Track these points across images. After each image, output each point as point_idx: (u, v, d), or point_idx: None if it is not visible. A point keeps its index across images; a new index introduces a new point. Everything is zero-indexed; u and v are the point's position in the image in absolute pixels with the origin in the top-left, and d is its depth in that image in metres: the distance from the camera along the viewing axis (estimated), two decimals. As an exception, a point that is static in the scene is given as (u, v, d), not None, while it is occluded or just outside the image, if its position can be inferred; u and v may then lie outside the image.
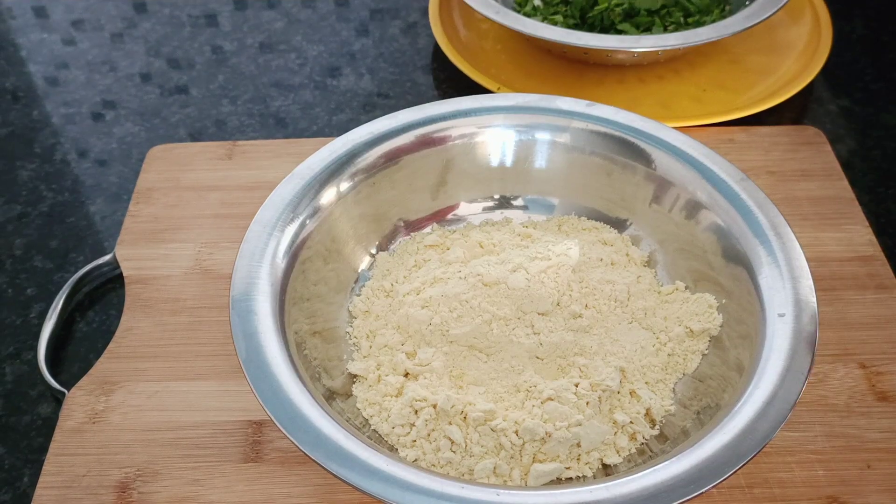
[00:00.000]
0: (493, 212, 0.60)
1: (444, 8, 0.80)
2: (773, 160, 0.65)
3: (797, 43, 0.76)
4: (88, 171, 0.70)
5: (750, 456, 0.40)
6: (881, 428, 0.50)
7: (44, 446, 0.51)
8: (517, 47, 0.78)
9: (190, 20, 0.85)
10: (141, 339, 0.55)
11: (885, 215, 0.64)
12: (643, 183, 0.56)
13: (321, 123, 0.74)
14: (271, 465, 0.49)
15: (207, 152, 0.67)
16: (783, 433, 0.45)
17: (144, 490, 0.48)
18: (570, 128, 0.57)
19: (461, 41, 0.77)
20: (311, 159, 0.54)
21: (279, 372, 0.43)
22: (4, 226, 0.65)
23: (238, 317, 0.45)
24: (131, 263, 0.59)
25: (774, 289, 0.47)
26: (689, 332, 0.51)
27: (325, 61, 0.80)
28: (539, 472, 0.44)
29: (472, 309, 0.50)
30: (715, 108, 0.70)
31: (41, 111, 0.75)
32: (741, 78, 0.74)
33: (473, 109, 0.57)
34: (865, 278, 0.57)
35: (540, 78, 0.75)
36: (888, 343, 0.54)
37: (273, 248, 0.49)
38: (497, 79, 0.73)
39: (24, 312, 0.59)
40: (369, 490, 0.39)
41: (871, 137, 0.71)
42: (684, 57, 0.76)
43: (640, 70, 0.75)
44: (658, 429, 0.48)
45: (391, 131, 0.56)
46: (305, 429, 0.41)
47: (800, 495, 0.47)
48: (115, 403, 0.52)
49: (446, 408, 0.46)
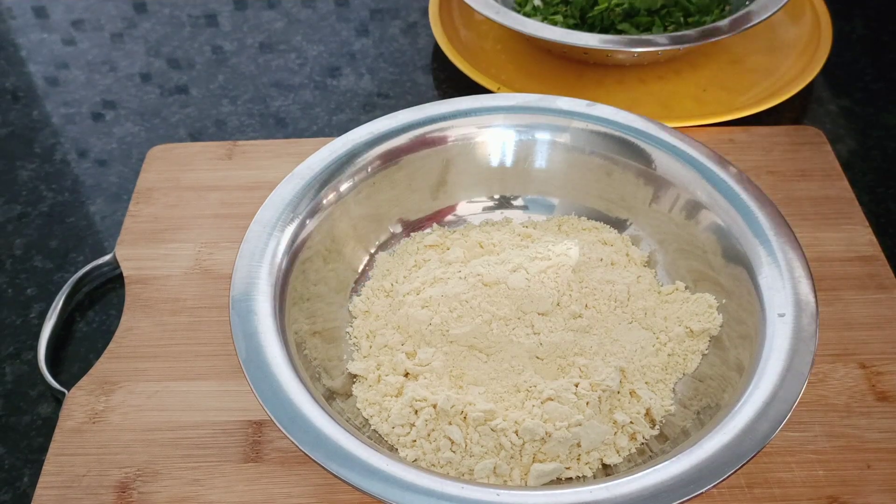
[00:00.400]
0: (493, 212, 0.60)
1: (444, 8, 0.80)
2: (773, 160, 0.65)
3: (797, 43, 0.76)
4: (88, 171, 0.70)
5: (750, 456, 0.40)
6: (881, 428, 0.50)
7: (44, 446, 0.51)
8: (517, 47, 0.78)
9: (190, 20, 0.85)
10: (141, 339, 0.55)
11: (885, 215, 0.64)
12: (643, 183, 0.56)
13: (321, 123, 0.74)
14: (271, 465, 0.49)
15: (207, 152, 0.67)
16: (783, 433, 0.45)
17: (144, 490, 0.48)
18: (570, 128, 0.57)
19: (461, 41, 0.78)
20: (311, 159, 0.54)
21: (279, 372, 0.43)
22: (4, 226, 0.65)
23: (238, 317, 0.46)
24: (131, 263, 0.59)
25: (774, 289, 0.47)
26: (689, 332, 0.51)
27: (325, 61, 0.80)
28: (539, 472, 0.44)
29: (472, 309, 0.50)
30: (715, 108, 0.70)
31: (41, 111, 0.75)
32: (741, 78, 0.74)
33: (473, 109, 0.57)
34: (865, 278, 0.57)
35: (540, 78, 0.75)
36: (888, 343, 0.54)
37: (273, 248, 0.49)
38: (497, 79, 0.73)
39: (24, 312, 0.59)
40: (369, 490, 0.39)
41: (871, 137, 0.71)
42: (684, 57, 0.76)
43: (640, 70, 0.75)
44: (658, 429, 0.48)
45: (391, 131, 0.56)
46: (305, 429, 0.41)
47: (800, 495, 0.47)
48: (115, 403, 0.52)
49: (446, 408, 0.46)
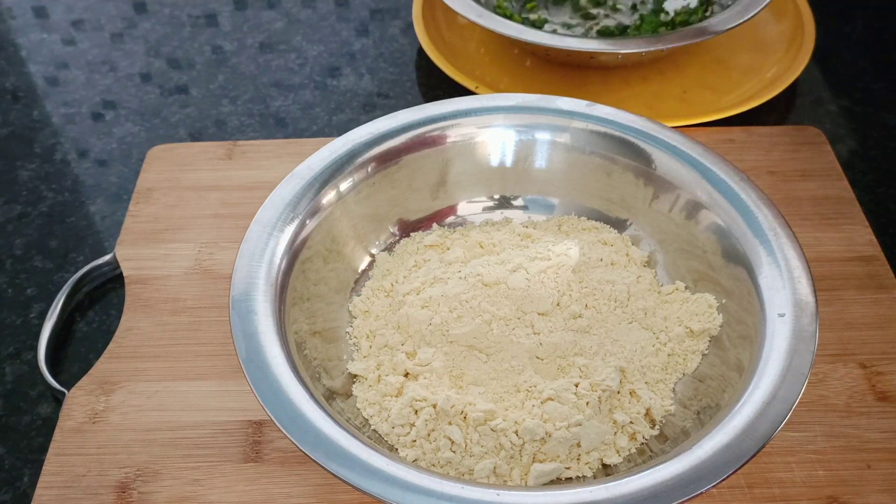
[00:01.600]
0: (493, 212, 0.60)
1: (428, 10, 0.79)
2: (773, 160, 0.65)
3: (781, 41, 0.76)
4: (88, 171, 0.70)
5: (750, 456, 0.40)
6: (881, 428, 0.50)
7: (44, 446, 0.51)
8: (498, 50, 0.77)
9: (190, 20, 0.85)
10: (141, 339, 0.55)
11: (885, 215, 0.64)
12: (643, 183, 0.56)
13: (321, 123, 0.74)
14: (271, 465, 0.49)
15: (207, 152, 0.67)
16: (783, 433, 0.45)
17: (144, 490, 0.48)
18: (570, 128, 0.57)
19: (445, 43, 0.77)
20: (311, 159, 0.54)
21: (279, 372, 0.43)
22: (4, 226, 0.65)
23: (238, 317, 0.45)
24: (131, 263, 0.59)
25: (774, 289, 0.47)
26: (689, 332, 0.51)
27: (325, 61, 0.80)
28: (539, 472, 0.44)
29: (472, 309, 0.50)
30: (699, 108, 0.70)
31: (41, 111, 0.75)
32: (727, 77, 0.74)
33: (473, 109, 0.57)
34: (865, 278, 0.57)
35: (524, 79, 0.74)
36: (888, 343, 0.54)
37: (273, 248, 0.49)
38: (482, 81, 0.72)
39: (24, 312, 0.59)
40: (369, 490, 0.39)
41: (871, 137, 0.71)
42: (668, 58, 0.75)
43: (625, 71, 0.74)
44: (658, 429, 0.48)
45: (391, 131, 0.56)
46: (305, 429, 0.41)
47: (800, 495, 0.47)
48: (115, 403, 0.52)
49: (446, 408, 0.46)
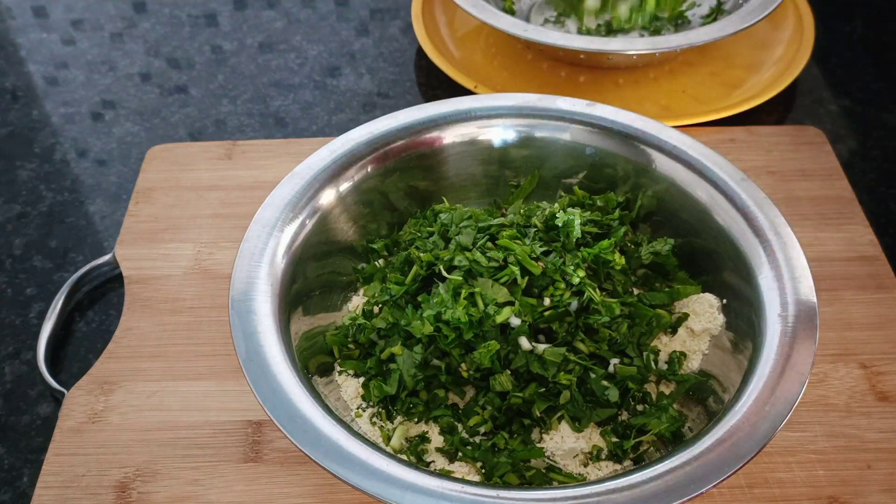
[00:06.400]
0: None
1: (427, 11, 0.79)
2: (773, 160, 0.65)
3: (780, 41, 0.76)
4: (88, 171, 0.70)
5: (750, 456, 0.40)
6: (881, 428, 0.50)
7: (43, 446, 0.51)
8: (498, 49, 0.77)
9: (190, 20, 0.85)
10: (140, 339, 0.55)
11: (885, 215, 0.64)
12: (643, 183, 0.56)
13: (321, 123, 0.74)
14: (271, 465, 0.49)
15: (207, 152, 0.67)
16: (783, 433, 0.45)
17: (144, 490, 0.48)
18: (570, 128, 0.57)
19: (445, 43, 0.77)
20: (311, 159, 0.54)
21: (279, 372, 0.43)
22: (4, 226, 0.65)
23: (238, 317, 0.45)
24: (131, 263, 0.59)
25: (774, 289, 0.47)
26: (690, 332, 0.51)
27: (325, 61, 0.80)
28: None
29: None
30: (700, 107, 0.70)
31: (41, 111, 0.75)
32: (727, 77, 0.74)
33: (473, 109, 0.57)
34: (865, 278, 0.57)
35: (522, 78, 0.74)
36: (888, 343, 0.54)
37: (273, 248, 0.49)
38: (477, 79, 0.72)
39: (24, 312, 0.59)
40: (369, 490, 0.39)
41: (871, 137, 0.71)
42: (674, 59, 0.75)
43: (625, 71, 0.74)
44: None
45: (391, 131, 0.56)
46: (305, 429, 0.41)
47: (800, 495, 0.47)
48: (115, 403, 0.52)
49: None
